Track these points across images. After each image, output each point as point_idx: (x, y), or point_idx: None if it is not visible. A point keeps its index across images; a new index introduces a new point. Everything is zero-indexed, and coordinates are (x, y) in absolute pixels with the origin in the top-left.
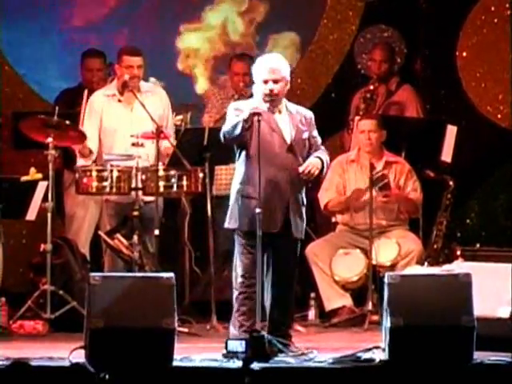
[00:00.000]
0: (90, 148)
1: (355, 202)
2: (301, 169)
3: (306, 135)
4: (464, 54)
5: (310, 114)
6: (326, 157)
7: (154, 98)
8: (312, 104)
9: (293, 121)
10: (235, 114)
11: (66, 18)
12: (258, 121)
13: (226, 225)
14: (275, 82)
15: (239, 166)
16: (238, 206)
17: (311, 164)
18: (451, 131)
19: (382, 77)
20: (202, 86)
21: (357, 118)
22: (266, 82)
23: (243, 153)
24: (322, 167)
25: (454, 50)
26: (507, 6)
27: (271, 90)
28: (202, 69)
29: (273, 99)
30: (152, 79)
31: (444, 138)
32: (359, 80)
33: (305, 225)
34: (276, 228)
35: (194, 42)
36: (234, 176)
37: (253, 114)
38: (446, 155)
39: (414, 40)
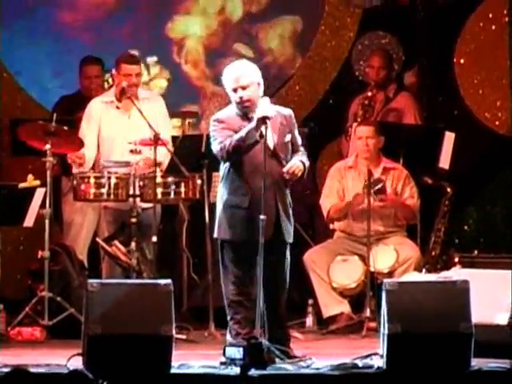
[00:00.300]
0: (84, 158)
1: (356, 207)
2: (284, 169)
3: (288, 137)
4: (462, 60)
5: (289, 112)
6: (306, 160)
7: (152, 105)
8: (310, 110)
9: (273, 124)
10: (221, 127)
11: (62, 16)
12: (266, 126)
13: (215, 235)
14: (243, 88)
15: (224, 175)
16: (226, 217)
17: (295, 165)
18: (449, 138)
19: (380, 83)
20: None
21: (355, 124)
22: (234, 90)
23: (227, 162)
24: (304, 170)
25: (451, 57)
26: (505, 12)
27: (241, 98)
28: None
29: (246, 106)
30: (153, 58)
31: (442, 144)
32: (357, 87)
33: (293, 227)
34: (268, 236)
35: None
36: (219, 186)
37: (262, 120)
38: (444, 162)
39: (411, 47)
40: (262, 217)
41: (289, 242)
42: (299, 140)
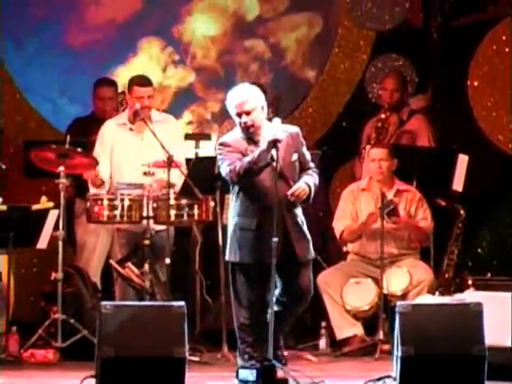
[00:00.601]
0: (101, 178)
1: (370, 227)
2: (289, 192)
3: (295, 157)
4: (475, 83)
5: (296, 130)
6: (315, 179)
7: (165, 127)
8: (323, 133)
9: (280, 145)
10: (228, 150)
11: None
12: (277, 149)
13: (227, 258)
14: (247, 113)
15: (234, 197)
16: (236, 239)
17: (299, 188)
18: (462, 160)
19: (393, 106)
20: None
21: (368, 146)
22: (239, 115)
23: (237, 185)
24: (310, 192)
25: (464, 79)
26: None
27: (245, 123)
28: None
29: (250, 131)
30: None
31: (455, 167)
32: (371, 109)
33: (311, 244)
34: (277, 258)
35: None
36: (229, 208)
37: (272, 143)
38: (458, 184)
39: (424, 69)
40: (274, 239)
41: (305, 261)
42: (308, 156)
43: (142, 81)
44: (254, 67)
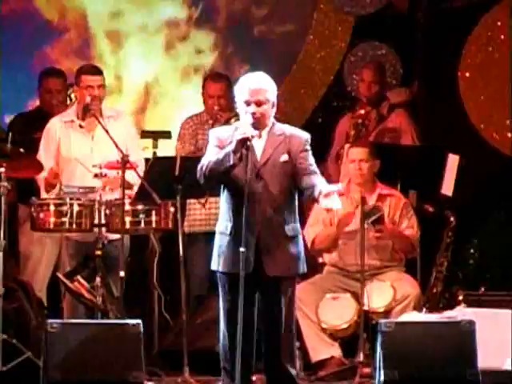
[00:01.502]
0: (60, 179)
1: (344, 229)
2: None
3: (285, 157)
4: (467, 74)
5: (299, 135)
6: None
7: (118, 124)
8: None
9: (268, 144)
10: (214, 144)
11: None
12: (247, 148)
13: (211, 266)
14: (258, 104)
15: (221, 196)
16: (216, 244)
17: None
18: (453, 161)
19: (372, 100)
20: None
21: (347, 145)
22: (247, 103)
23: (206, 186)
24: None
25: (455, 70)
26: None
27: (253, 113)
28: None
29: (254, 123)
30: None
31: (444, 168)
32: (349, 103)
33: (297, 259)
34: (248, 268)
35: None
36: None
37: (240, 142)
38: (447, 188)
39: (410, 59)
40: (241, 249)
41: (279, 279)
42: (312, 164)
43: (91, 69)
44: None
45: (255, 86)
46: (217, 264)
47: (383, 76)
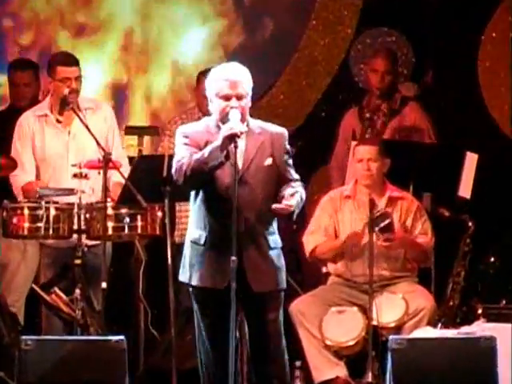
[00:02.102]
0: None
1: (351, 249)
2: (274, 206)
3: (269, 161)
4: (487, 63)
5: (281, 131)
6: (301, 195)
7: (97, 117)
8: (298, 126)
9: (250, 144)
10: (184, 142)
11: None
12: (235, 146)
13: (179, 277)
14: (238, 98)
15: (192, 202)
16: (188, 254)
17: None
18: (471, 160)
19: (385, 92)
20: None
21: (353, 143)
22: (227, 98)
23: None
24: (292, 212)
25: (474, 59)
26: None
27: (232, 108)
28: None
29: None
30: None
31: (462, 168)
32: (356, 96)
33: (282, 272)
34: (224, 283)
35: None
36: None
37: (228, 138)
38: (465, 190)
39: (423, 47)
40: (232, 258)
41: (272, 291)
42: (292, 168)
43: (67, 59)
44: None
45: (235, 77)
46: (188, 276)
47: (396, 65)
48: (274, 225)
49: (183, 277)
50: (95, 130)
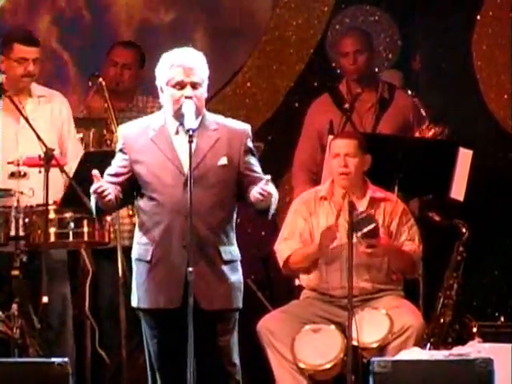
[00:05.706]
0: None
1: (328, 248)
2: (260, 187)
3: (223, 161)
4: (483, 47)
5: (241, 129)
6: (275, 193)
7: (52, 107)
8: (267, 117)
9: (203, 141)
10: (119, 148)
11: None
12: (190, 141)
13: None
14: (193, 86)
15: (136, 211)
16: (134, 274)
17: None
18: (465, 157)
19: (362, 76)
20: None
21: (330, 137)
22: (181, 85)
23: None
24: (269, 205)
25: (467, 41)
26: None
27: (189, 98)
28: None
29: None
30: None
31: (454, 166)
32: (334, 83)
33: (237, 290)
34: (174, 303)
35: None
36: None
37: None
38: (458, 191)
39: (411, 28)
40: (189, 269)
41: (225, 311)
42: (258, 169)
43: (27, 37)
44: None
45: (190, 63)
46: (137, 300)
47: (370, 44)
48: (231, 234)
49: (133, 301)
50: (48, 121)
